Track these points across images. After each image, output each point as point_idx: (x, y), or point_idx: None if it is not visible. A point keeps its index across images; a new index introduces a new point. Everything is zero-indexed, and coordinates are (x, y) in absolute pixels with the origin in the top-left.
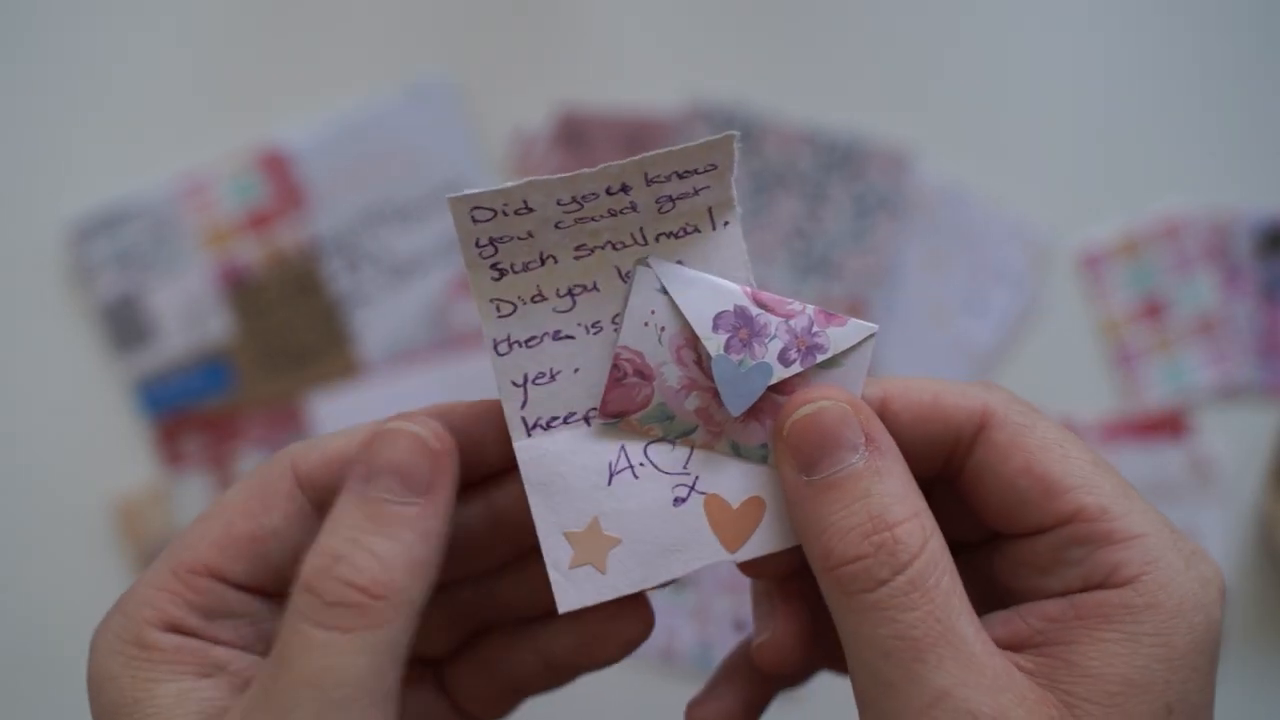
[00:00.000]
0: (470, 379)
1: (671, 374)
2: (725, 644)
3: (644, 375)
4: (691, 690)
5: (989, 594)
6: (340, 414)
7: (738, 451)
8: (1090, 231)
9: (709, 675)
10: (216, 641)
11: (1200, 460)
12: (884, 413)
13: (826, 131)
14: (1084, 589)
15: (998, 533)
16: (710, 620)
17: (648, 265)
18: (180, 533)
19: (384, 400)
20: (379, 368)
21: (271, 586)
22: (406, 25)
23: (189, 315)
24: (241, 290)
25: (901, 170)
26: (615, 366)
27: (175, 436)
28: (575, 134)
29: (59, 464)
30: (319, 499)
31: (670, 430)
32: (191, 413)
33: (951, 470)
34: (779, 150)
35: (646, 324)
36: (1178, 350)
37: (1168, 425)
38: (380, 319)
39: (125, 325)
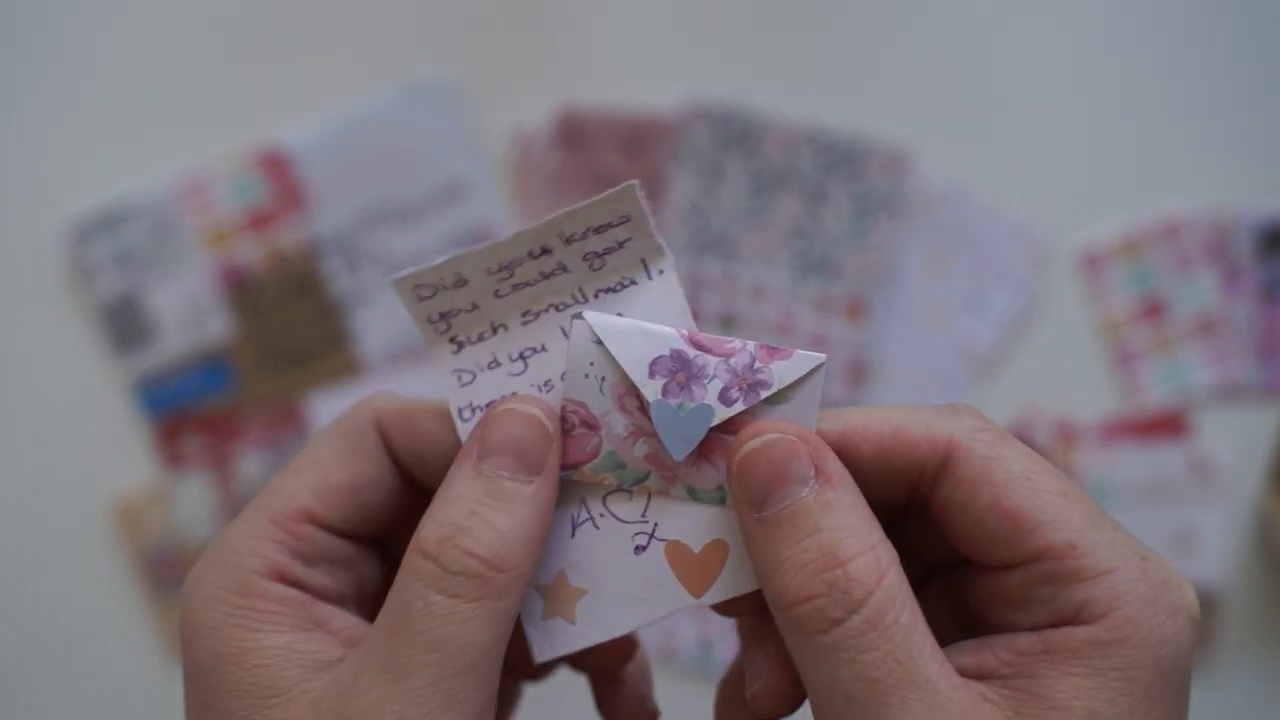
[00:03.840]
0: None
1: (617, 422)
2: (725, 644)
3: (590, 426)
4: (691, 690)
5: (965, 616)
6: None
7: (694, 495)
8: (1090, 231)
9: (712, 678)
10: (317, 592)
11: (1200, 460)
12: (845, 446)
13: (826, 131)
14: (1053, 625)
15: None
16: (710, 620)
17: (581, 319)
18: (267, 486)
19: None
20: (379, 368)
21: (367, 532)
22: (406, 25)
23: (189, 315)
24: (241, 290)
25: (901, 170)
26: (563, 419)
27: (175, 436)
28: (575, 134)
29: (59, 464)
30: (397, 454)
31: (624, 478)
32: (191, 413)
33: (919, 499)
34: (779, 150)
35: (587, 375)
36: (1178, 350)
37: (1168, 425)
38: (380, 319)
39: (125, 325)
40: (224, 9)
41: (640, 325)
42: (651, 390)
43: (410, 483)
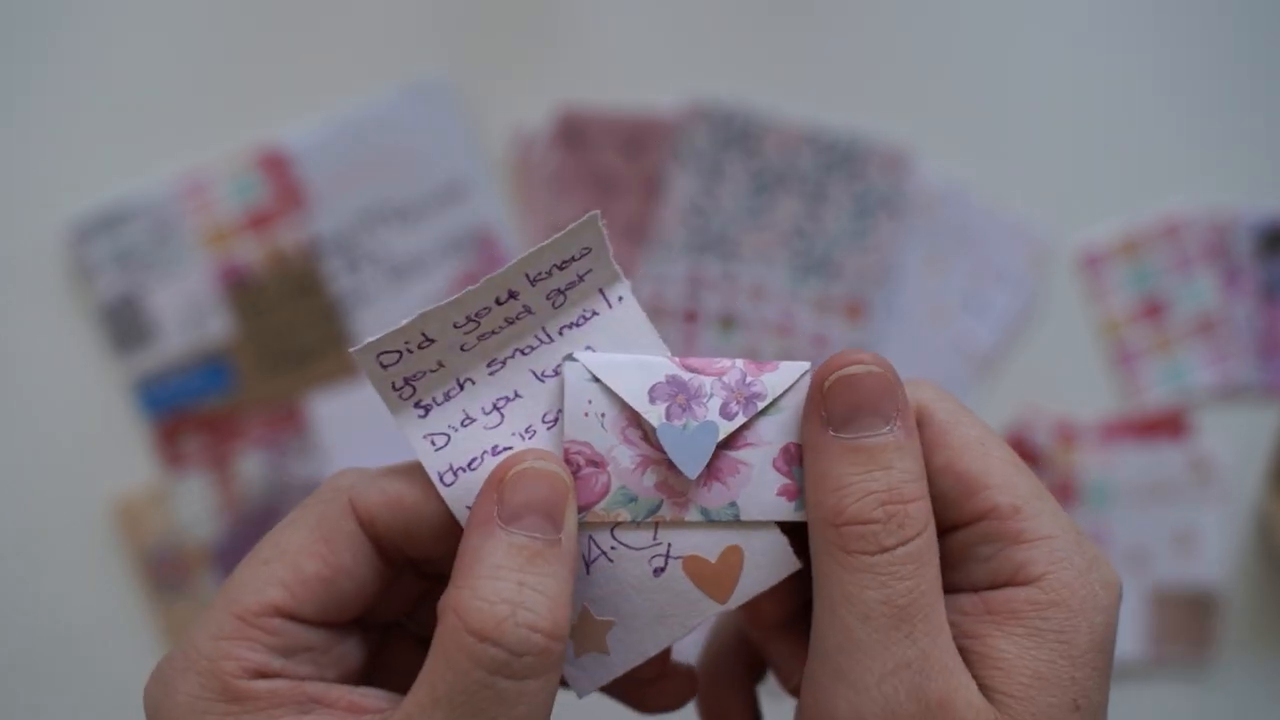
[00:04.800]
0: None
1: (624, 455)
2: None
3: (597, 464)
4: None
5: None
6: (340, 414)
7: (708, 517)
8: (1090, 231)
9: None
10: (302, 679)
11: (1200, 460)
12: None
13: (826, 131)
14: (990, 586)
15: None
16: (710, 620)
17: (574, 359)
18: (230, 580)
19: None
20: None
21: (343, 618)
22: (406, 25)
23: (189, 315)
24: (241, 290)
25: (901, 170)
26: (567, 461)
27: (175, 437)
28: (575, 134)
29: (59, 464)
30: (379, 537)
31: (637, 511)
32: (191, 413)
33: None
34: (779, 150)
35: (586, 414)
36: (1178, 350)
37: (1168, 425)
38: (380, 319)
39: (125, 325)
40: (224, 9)
41: (632, 358)
42: (655, 415)
43: (388, 562)
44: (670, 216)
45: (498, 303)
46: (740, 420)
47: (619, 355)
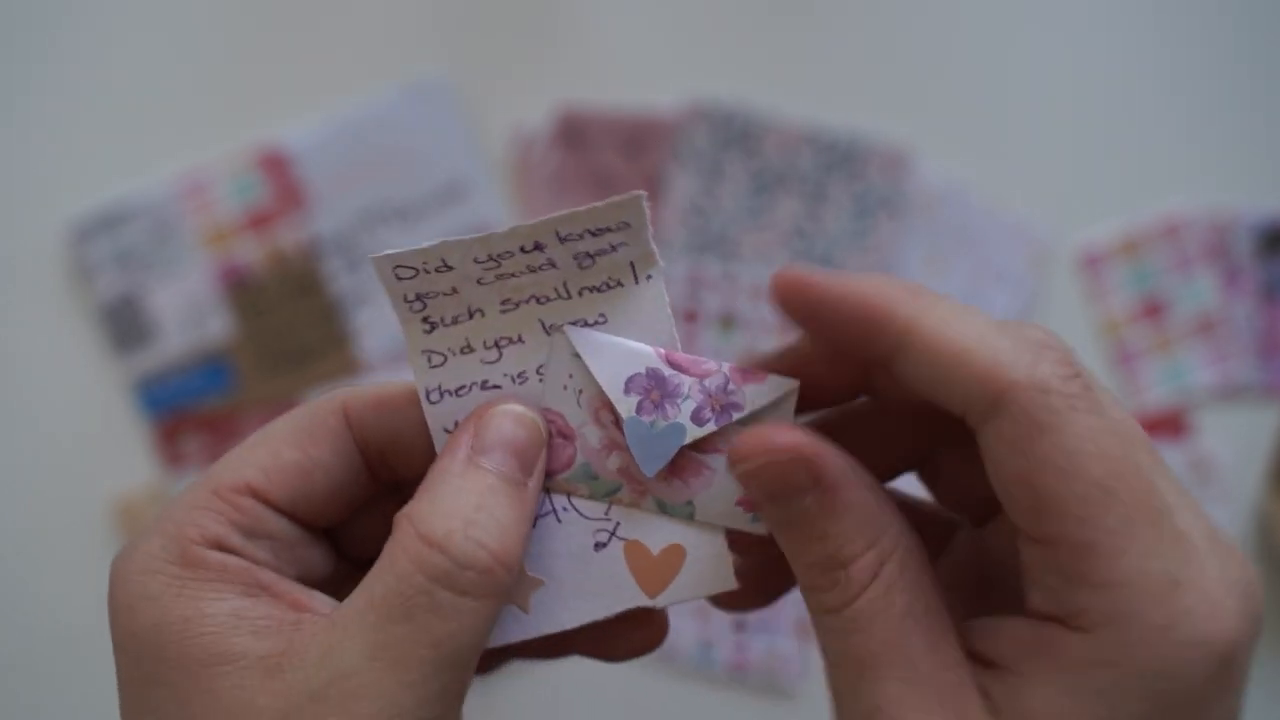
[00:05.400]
0: None
1: (592, 435)
2: (725, 644)
3: (566, 436)
4: (691, 690)
5: (994, 563)
6: None
7: (664, 509)
8: (1090, 231)
9: (713, 678)
10: (258, 563)
11: (1200, 460)
12: (904, 339)
13: (826, 131)
14: (1051, 618)
15: None
16: (710, 620)
17: (563, 331)
18: (218, 461)
19: None
20: (379, 368)
21: (309, 517)
22: (406, 25)
23: (189, 315)
24: (241, 290)
25: (901, 170)
26: None
27: (175, 436)
28: (575, 134)
29: (59, 464)
30: (365, 440)
31: (596, 489)
32: (191, 413)
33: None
34: (779, 150)
35: (565, 387)
36: (1178, 350)
37: (1168, 425)
38: (380, 319)
39: (125, 325)
40: (224, 9)
41: (619, 342)
42: (626, 406)
43: (370, 474)
44: (670, 216)
45: (522, 250)
46: (711, 428)
47: (607, 336)
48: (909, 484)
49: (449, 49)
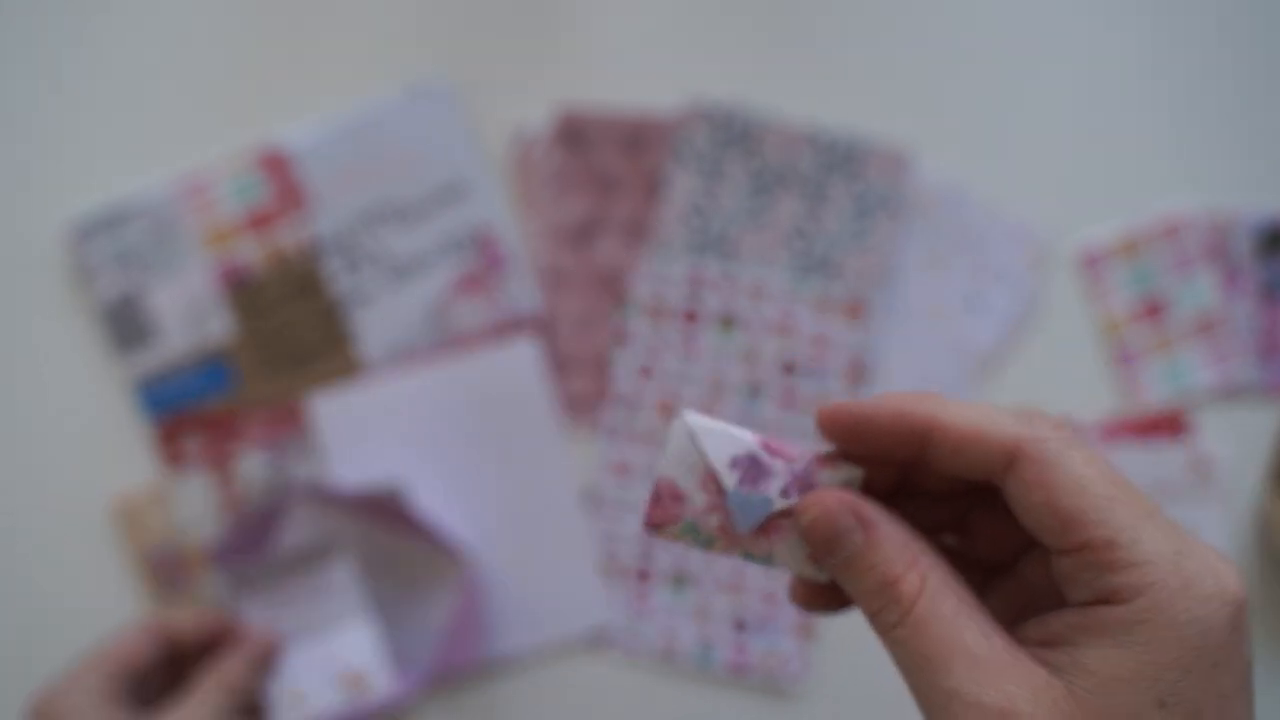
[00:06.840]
0: (470, 378)
1: (698, 499)
2: (725, 644)
3: (677, 499)
4: (691, 690)
5: (1042, 590)
6: (340, 414)
7: (749, 558)
8: (1090, 231)
9: (713, 678)
10: None
11: (1200, 460)
12: (930, 433)
13: (826, 131)
14: (1094, 603)
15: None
16: (710, 620)
17: (682, 417)
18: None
19: (384, 400)
20: (379, 368)
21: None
22: (406, 26)
23: (189, 315)
24: (242, 290)
25: (901, 170)
26: (655, 492)
27: (175, 436)
28: (575, 134)
29: (59, 464)
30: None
31: (697, 540)
32: (191, 413)
33: (992, 488)
34: (779, 150)
35: (681, 460)
36: (1178, 350)
37: (1168, 425)
38: (380, 319)
39: (125, 325)
40: (224, 9)
41: (726, 428)
42: (730, 480)
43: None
44: (670, 216)
45: None
46: (793, 501)
47: (719, 423)
48: None
49: (449, 50)
